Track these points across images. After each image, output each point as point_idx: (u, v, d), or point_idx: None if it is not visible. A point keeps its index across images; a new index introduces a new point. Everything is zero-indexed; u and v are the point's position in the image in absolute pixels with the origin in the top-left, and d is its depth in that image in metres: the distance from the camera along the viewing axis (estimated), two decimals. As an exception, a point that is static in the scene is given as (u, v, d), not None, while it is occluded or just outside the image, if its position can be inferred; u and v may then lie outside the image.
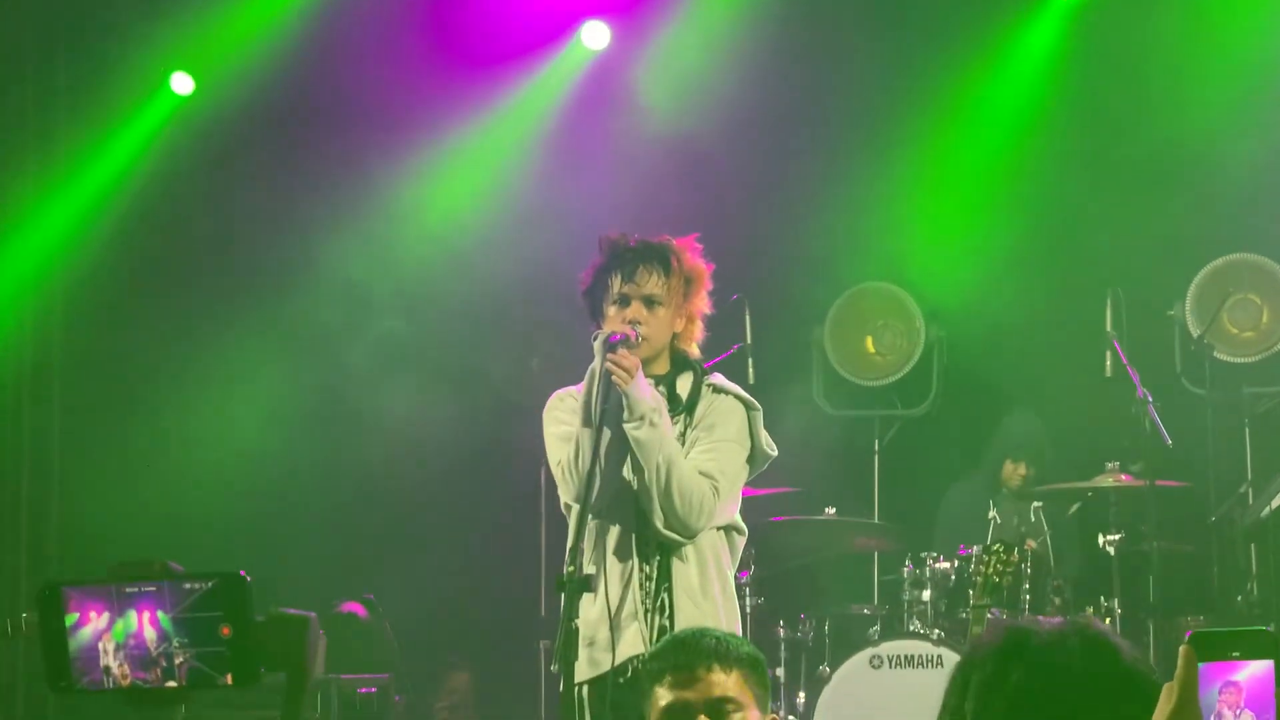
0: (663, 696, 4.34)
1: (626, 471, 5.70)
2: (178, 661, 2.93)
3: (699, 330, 5.96)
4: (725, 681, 4.32)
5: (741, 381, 6.15)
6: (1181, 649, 2.28)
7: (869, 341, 11.21)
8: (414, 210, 11.05)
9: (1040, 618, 2.67)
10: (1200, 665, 2.27)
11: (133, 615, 2.95)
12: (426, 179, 11.04)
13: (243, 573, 2.93)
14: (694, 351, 5.96)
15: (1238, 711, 2.27)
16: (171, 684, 2.91)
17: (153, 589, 2.94)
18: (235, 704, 8.17)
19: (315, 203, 10.97)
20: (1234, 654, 2.29)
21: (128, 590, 2.94)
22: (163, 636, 2.94)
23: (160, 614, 2.93)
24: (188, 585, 2.93)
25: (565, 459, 5.69)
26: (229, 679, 2.89)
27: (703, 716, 4.29)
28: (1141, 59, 10.64)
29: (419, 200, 11.04)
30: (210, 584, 2.91)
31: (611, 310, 5.79)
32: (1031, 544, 9.50)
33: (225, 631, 2.89)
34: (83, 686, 2.96)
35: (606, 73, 11.25)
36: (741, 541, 5.94)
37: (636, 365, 5.58)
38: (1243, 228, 10.39)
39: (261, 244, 11.00)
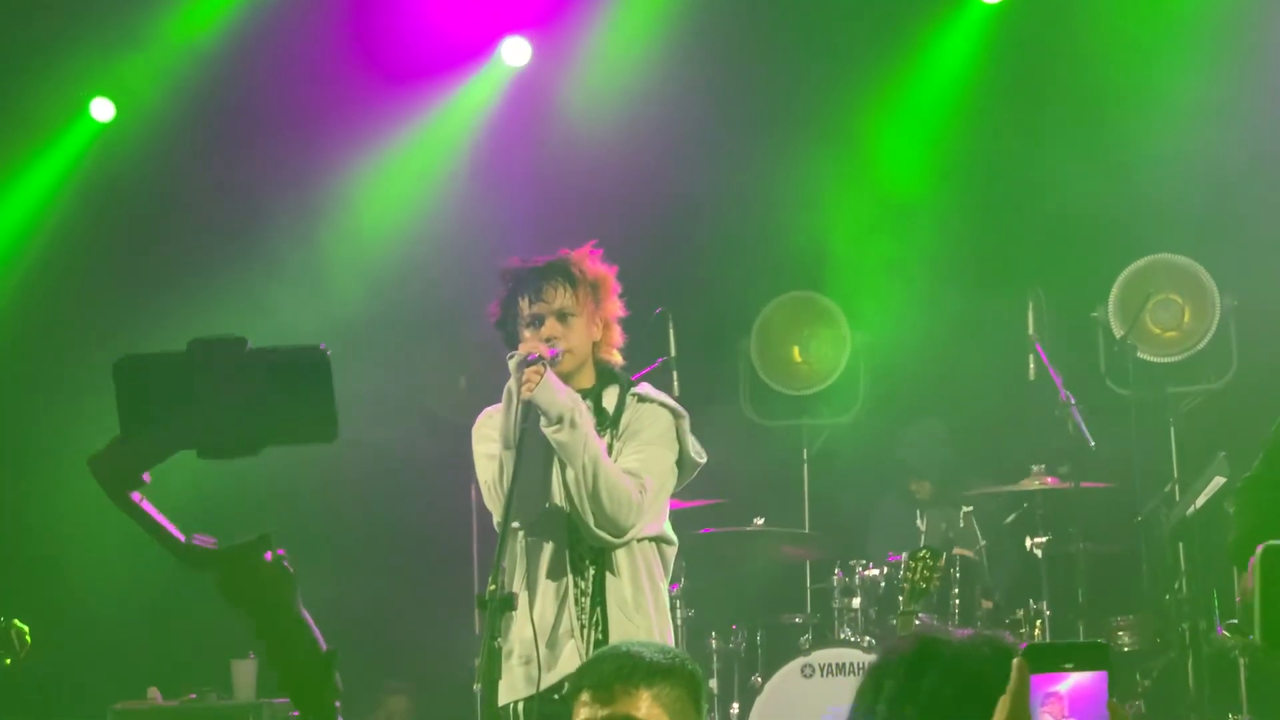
0: (579, 713, 4.34)
1: (556, 488, 5.71)
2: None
3: (617, 335, 6.00)
4: (635, 699, 4.30)
5: (668, 394, 6.17)
6: (1015, 661, 2.31)
7: (795, 351, 11.25)
8: (337, 230, 10.99)
9: (951, 627, 2.70)
10: (1032, 676, 2.31)
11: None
12: (351, 198, 11.01)
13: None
14: (617, 359, 6.00)
15: None
16: None
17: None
18: None
19: (237, 228, 10.91)
20: (1067, 665, 2.35)
21: None
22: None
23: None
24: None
25: (491, 478, 5.70)
26: None
27: None
28: (1061, 62, 10.72)
29: (343, 221, 10.99)
30: None
31: (527, 333, 5.82)
32: (965, 552, 9.53)
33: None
34: None
35: (527, 88, 11.25)
36: (672, 553, 5.96)
37: (542, 372, 5.59)
38: (1164, 228, 10.46)
39: (183, 273, 10.92)
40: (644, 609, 5.73)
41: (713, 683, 9.44)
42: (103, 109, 11.04)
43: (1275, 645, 4.83)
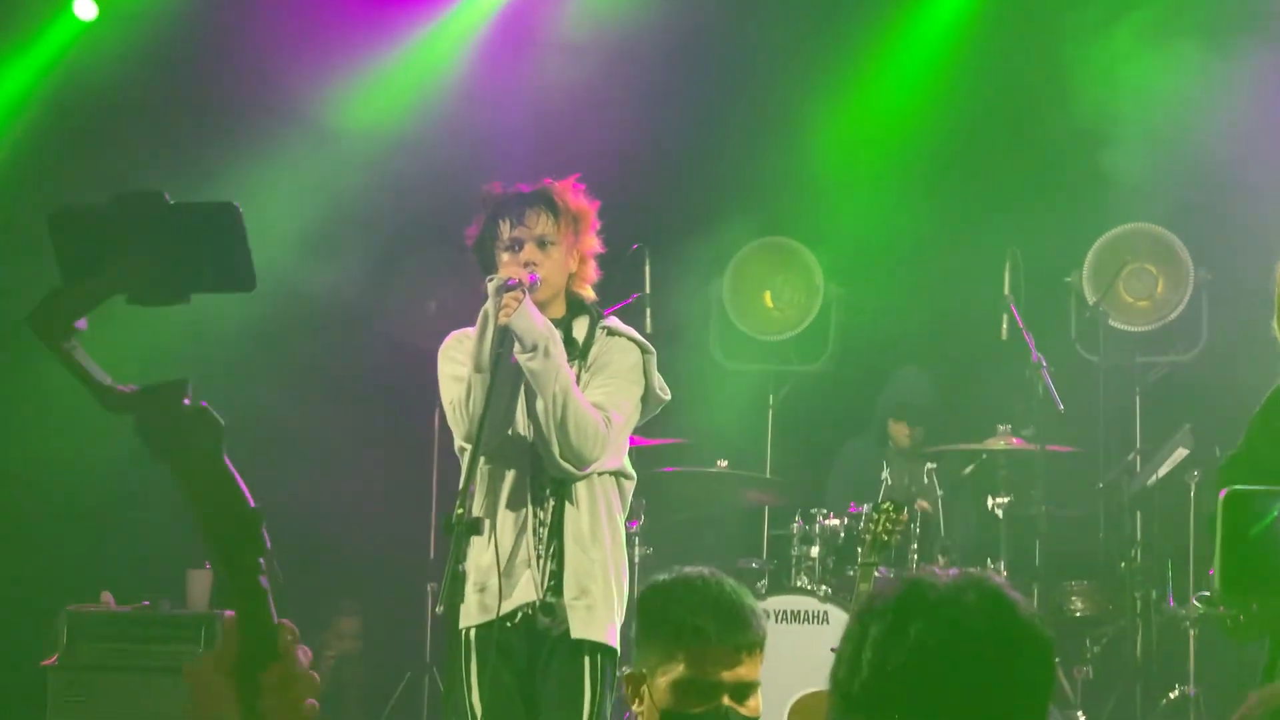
0: (678, 668, 4.12)
1: (520, 417, 5.71)
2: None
3: (592, 270, 6.00)
4: (752, 664, 4.15)
5: (639, 331, 6.16)
6: None
7: (767, 296, 11.23)
8: (320, 137, 10.90)
9: (936, 570, 2.67)
10: None
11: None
12: (329, 122, 10.92)
13: None
14: (589, 294, 6.00)
15: None
16: None
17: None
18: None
19: (218, 133, 10.82)
20: None
21: None
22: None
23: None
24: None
25: (457, 398, 5.69)
26: None
27: (727, 698, 4.12)
28: (1049, 28, 10.68)
29: (324, 130, 10.90)
30: None
31: (505, 257, 5.82)
32: (924, 505, 9.56)
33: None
34: None
35: (514, 16, 11.19)
36: (631, 487, 5.97)
37: (521, 298, 5.57)
38: (1142, 197, 10.45)
39: (163, 176, 10.85)
40: (600, 542, 5.73)
41: (665, 622, 9.43)
42: (85, 8, 10.92)
43: (1233, 592, 4.84)
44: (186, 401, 2.05)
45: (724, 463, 9.70)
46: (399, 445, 10.87)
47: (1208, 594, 6.98)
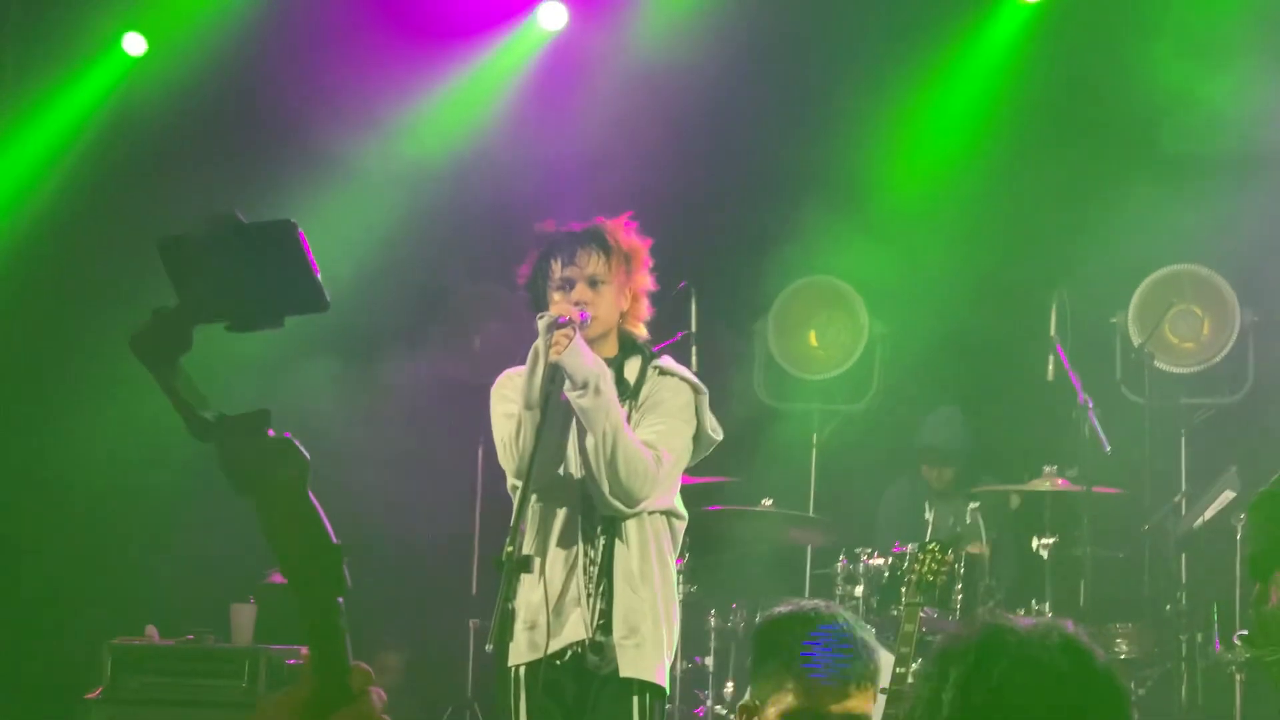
0: (788, 698, 4.15)
1: (572, 455, 5.71)
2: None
3: (645, 308, 6.00)
4: (862, 697, 4.18)
5: (685, 368, 6.16)
6: None
7: (812, 335, 11.22)
8: (360, 191, 10.94)
9: (1012, 616, 2.69)
10: None
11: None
12: (378, 156, 10.95)
13: None
14: (641, 332, 6.00)
15: None
16: None
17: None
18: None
19: (266, 178, 10.86)
20: None
21: None
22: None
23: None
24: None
25: (508, 436, 5.69)
26: None
27: None
28: (1097, 66, 10.67)
29: (367, 180, 10.93)
30: None
31: (557, 296, 5.83)
32: (979, 548, 9.51)
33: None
34: None
35: (562, 53, 11.22)
36: (682, 527, 5.97)
37: (572, 336, 5.58)
38: (1189, 238, 10.41)
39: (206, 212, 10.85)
40: (650, 581, 5.73)
41: (709, 660, 9.44)
42: (135, 43, 11.00)
43: (1265, 637, 4.83)
44: (270, 433, 2.04)
45: (768, 501, 9.67)
46: (442, 480, 10.86)
47: (1246, 632, 6.96)
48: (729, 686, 9.39)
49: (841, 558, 9.38)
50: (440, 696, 10.64)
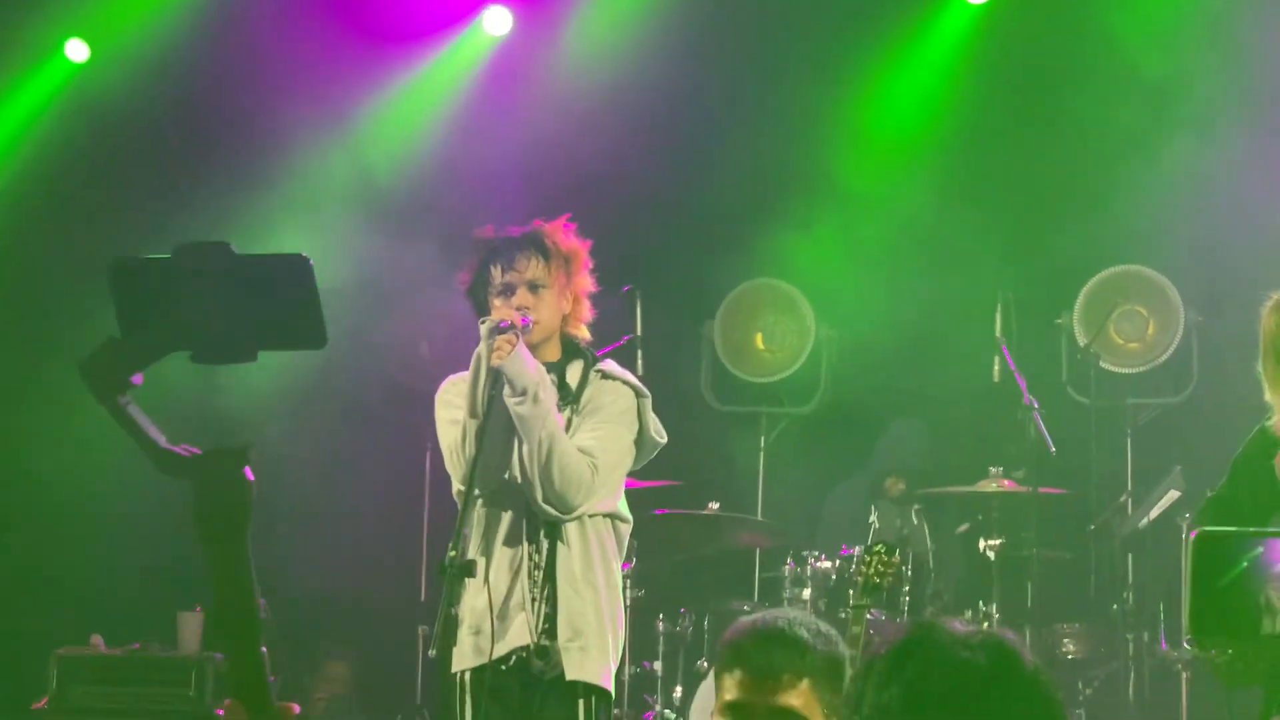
0: (729, 689, 4.07)
1: (516, 459, 5.70)
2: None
3: (587, 310, 6.00)
4: (794, 691, 4.02)
5: (630, 372, 6.16)
6: None
7: (759, 338, 11.23)
8: (303, 192, 10.89)
9: (947, 619, 2.70)
10: None
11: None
12: (322, 160, 10.92)
13: None
14: (584, 334, 6.00)
15: None
16: None
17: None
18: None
19: (210, 180, 10.82)
20: None
21: None
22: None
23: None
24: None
25: (454, 443, 5.69)
26: None
27: None
28: (1043, 67, 10.71)
29: (311, 181, 10.90)
30: None
31: (497, 302, 5.83)
32: (920, 550, 9.53)
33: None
34: None
35: (506, 59, 11.20)
36: (627, 530, 5.96)
37: (514, 341, 5.58)
38: (1134, 239, 10.46)
39: (154, 217, 10.82)
40: (593, 584, 5.72)
41: (657, 665, 9.43)
42: (77, 50, 10.93)
43: (1201, 634, 4.82)
44: (249, 473, 2.01)
45: (715, 505, 9.67)
46: (390, 486, 10.84)
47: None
48: (678, 691, 9.38)
49: (789, 560, 9.38)
50: (389, 704, 10.60)
